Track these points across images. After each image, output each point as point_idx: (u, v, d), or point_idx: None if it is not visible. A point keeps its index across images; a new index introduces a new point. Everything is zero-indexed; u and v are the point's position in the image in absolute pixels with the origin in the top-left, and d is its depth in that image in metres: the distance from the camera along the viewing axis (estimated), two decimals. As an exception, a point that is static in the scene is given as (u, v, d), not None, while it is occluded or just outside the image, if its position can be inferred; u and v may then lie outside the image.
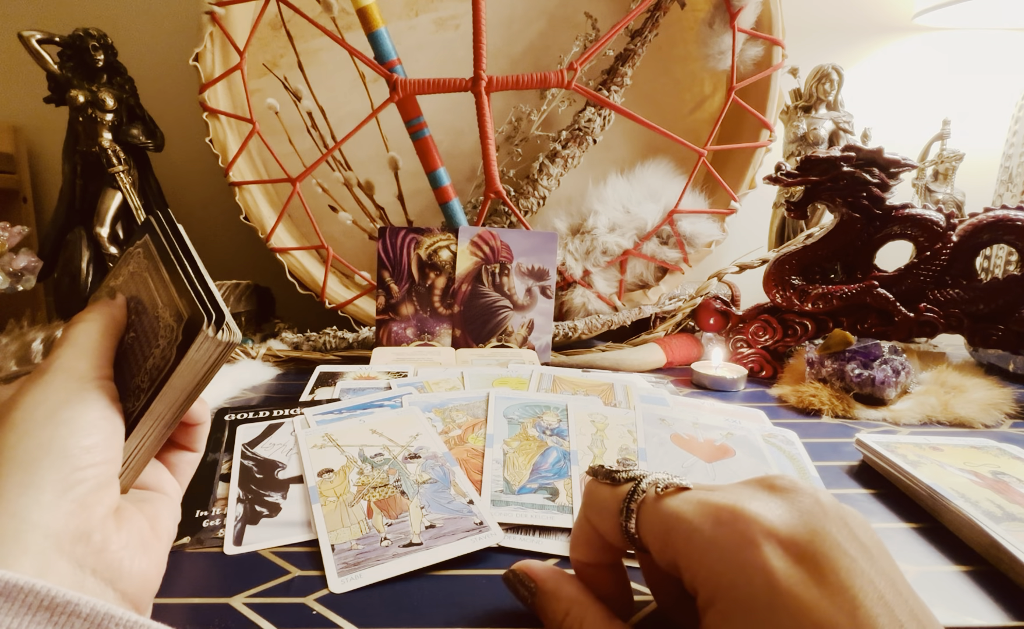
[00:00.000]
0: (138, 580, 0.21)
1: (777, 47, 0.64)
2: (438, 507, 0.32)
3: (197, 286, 0.24)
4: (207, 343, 0.23)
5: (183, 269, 0.25)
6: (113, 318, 0.26)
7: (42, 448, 0.21)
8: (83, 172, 0.67)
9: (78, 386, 0.22)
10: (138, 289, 0.26)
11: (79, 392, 0.22)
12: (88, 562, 0.20)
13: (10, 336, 0.49)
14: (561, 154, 0.69)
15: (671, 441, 0.40)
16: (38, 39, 0.63)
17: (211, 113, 0.64)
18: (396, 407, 0.43)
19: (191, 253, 0.25)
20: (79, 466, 0.21)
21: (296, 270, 0.68)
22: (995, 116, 0.84)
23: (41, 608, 0.17)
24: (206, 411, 0.29)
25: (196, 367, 0.24)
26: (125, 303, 0.26)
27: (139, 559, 0.22)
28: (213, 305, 0.23)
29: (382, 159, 0.65)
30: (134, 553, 0.22)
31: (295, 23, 0.64)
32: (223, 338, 0.23)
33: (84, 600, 0.18)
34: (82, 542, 0.20)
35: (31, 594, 0.17)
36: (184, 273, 0.24)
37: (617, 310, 0.68)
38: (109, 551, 0.21)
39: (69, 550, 0.20)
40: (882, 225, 0.54)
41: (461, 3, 0.71)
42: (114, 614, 0.18)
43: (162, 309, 0.24)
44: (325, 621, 0.25)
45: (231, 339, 0.23)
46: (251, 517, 0.32)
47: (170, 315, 0.24)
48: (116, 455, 0.23)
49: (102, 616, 0.18)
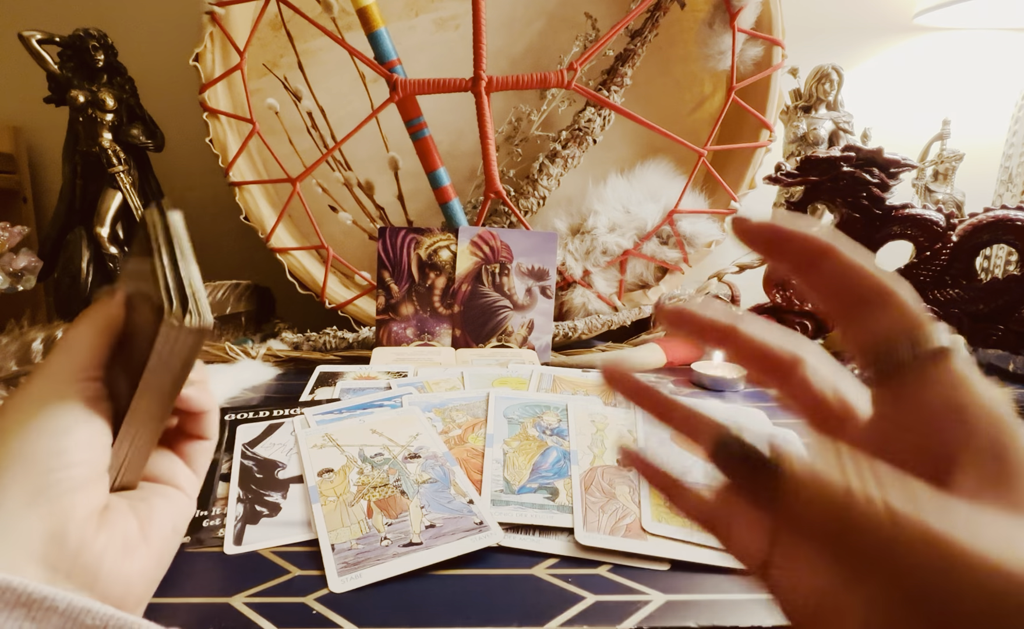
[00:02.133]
0: (118, 585, 0.21)
1: (777, 47, 0.64)
2: (438, 507, 0.32)
3: (168, 273, 0.23)
4: (172, 332, 0.22)
5: (161, 257, 0.23)
6: (108, 316, 0.25)
7: (11, 455, 0.21)
8: (83, 172, 0.67)
9: (58, 389, 0.23)
10: (136, 284, 0.26)
11: (57, 395, 0.22)
12: (63, 565, 0.20)
13: (10, 336, 0.49)
14: (561, 154, 0.69)
15: (671, 441, 0.40)
16: (38, 39, 0.63)
17: (211, 113, 0.64)
18: (396, 407, 0.43)
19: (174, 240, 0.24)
20: (51, 469, 0.21)
21: (296, 270, 0.68)
22: (995, 116, 0.84)
23: (18, 604, 0.17)
24: (210, 397, 0.28)
25: (168, 359, 0.23)
26: (123, 300, 0.26)
27: (121, 562, 0.22)
28: (180, 290, 0.22)
29: (382, 159, 0.65)
30: (116, 556, 0.21)
31: (295, 23, 0.64)
32: (191, 324, 0.22)
33: (60, 595, 0.18)
34: (56, 545, 0.20)
35: (8, 591, 0.17)
36: (160, 261, 0.23)
37: (617, 310, 0.68)
38: (85, 554, 0.20)
39: (41, 554, 0.20)
40: (882, 225, 0.54)
41: (461, 3, 0.71)
42: (91, 608, 0.18)
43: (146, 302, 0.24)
44: (325, 621, 0.25)
45: (200, 325, 0.22)
46: (251, 517, 0.32)
47: (149, 308, 0.23)
48: (97, 456, 0.23)
49: (79, 610, 0.18)
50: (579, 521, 0.32)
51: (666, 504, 0.21)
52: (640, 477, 0.21)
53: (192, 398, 0.27)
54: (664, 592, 0.27)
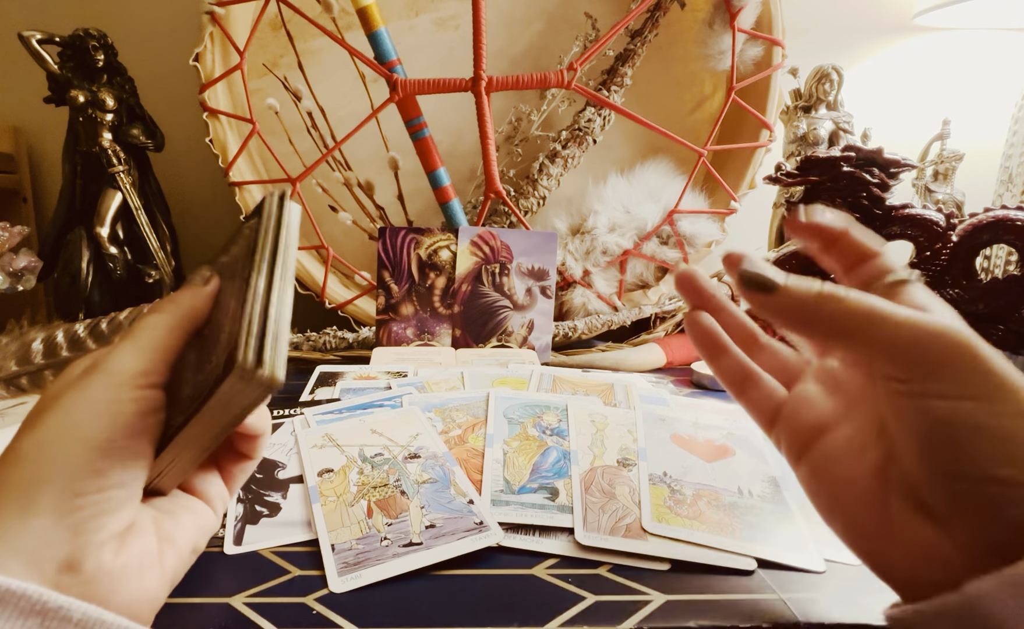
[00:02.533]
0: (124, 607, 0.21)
1: (777, 47, 0.64)
2: (438, 507, 0.32)
3: (255, 308, 0.20)
4: (239, 383, 0.20)
5: (258, 275, 0.21)
6: (193, 310, 0.24)
7: (49, 462, 0.20)
8: (83, 172, 0.67)
9: (114, 395, 0.21)
10: (231, 278, 0.23)
11: (112, 403, 0.21)
12: (72, 591, 0.19)
13: (10, 336, 0.49)
14: (561, 154, 0.69)
15: (671, 441, 0.40)
16: (38, 39, 0.63)
17: (211, 113, 0.64)
18: (396, 407, 0.43)
19: (279, 251, 0.22)
20: (84, 491, 0.20)
21: (296, 270, 0.67)
22: (995, 116, 0.84)
23: (33, 613, 0.17)
24: (267, 422, 0.28)
25: (228, 404, 0.21)
26: (213, 293, 0.24)
27: (131, 582, 0.21)
28: (261, 335, 0.20)
29: (382, 159, 0.65)
30: (129, 578, 0.21)
31: (295, 23, 0.64)
32: (261, 377, 0.19)
33: (76, 605, 0.18)
34: (69, 572, 0.20)
35: (23, 599, 0.17)
36: (256, 281, 0.21)
37: (617, 310, 0.68)
38: (98, 581, 0.20)
39: (53, 579, 0.19)
40: (882, 225, 0.54)
41: (461, 3, 0.71)
42: (105, 619, 0.18)
43: (229, 318, 0.21)
44: (325, 621, 0.25)
45: (271, 383, 0.20)
46: (251, 517, 0.32)
47: (226, 332, 0.21)
48: (135, 478, 0.22)
49: (93, 621, 0.18)
50: (579, 521, 0.32)
51: (706, 355, 0.27)
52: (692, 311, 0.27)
53: (250, 422, 0.26)
54: (664, 592, 0.27)
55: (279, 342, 0.20)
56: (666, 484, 0.35)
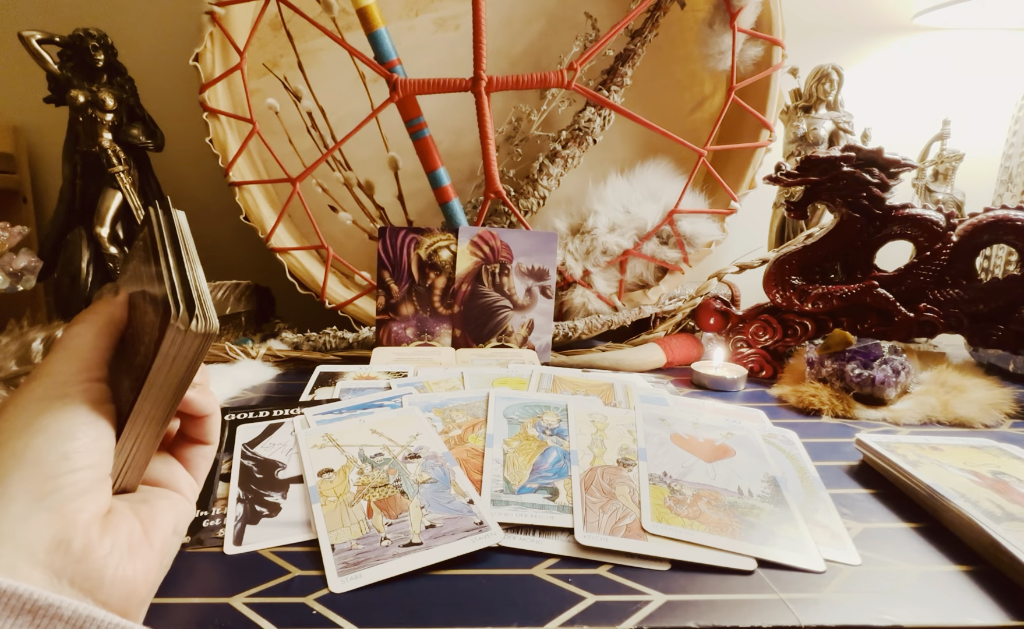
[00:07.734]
0: (121, 588, 0.21)
1: (777, 47, 0.64)
2: (438, 507, 0.32)
3: (173, 275, 0.22)
4: (179, 336, 0.22)
5: (167, 259, 0.23)
6: (111, 316, 0.25)
7: (15, 458, 0.20)
8: (83, 172, 0.67)
9: (60, 391, 0.22)
10: (139, 284, 0.25)
11: (60, 397, 0.22)
12: (67, 571, 0.20)
13: (10, 336, 0.49)
14: (561, 154, 0.69)
15: (671, 441, 0.40)
16: (38, 39, 0.63)
17: (211, 113, 0.64)
18: (396, 407, 0.43)
19: (179, 241, 0.24)
20: (56, 474, 0.21)
21: (296, 270, 0.68)
22: (995, 116, 0.84)
23: (23, 611, 0.17)
24: (213, 401, 0.28)
25: (173, 362, 0.22)
26: (126, 300, 0.26)
27: (124, 566, 0.21)
28: (187, 294, 0.22)
29: (382, 159, 0.65)
30: (119, 560, 0.21)
31: (295, 23, 0.64)
32: (197, 328, 0.22)
33: (66, 602, 0.18)
34: (60, 551, 0.20)
35: (13, 597, 0.17)
36: (167, 263, 0.23)
37: (617, 310, 0.68)
38: (90, 559, 0.20)
39: (45, 560, 0.19)
40: (882, 225, 0.54)
41: (461, 3, 0.71)
42: (95, 616, 0.18)
43: (150, 303, 0.23)
44: (325, 621, 0.25)
45: (207, 329, 0.22)
46: (251, 517, 0.32)
47: (153, 309, 0.23)
48: (101, 459, 0.22)
49: (83, 618, 0.18)
50: (579, 521, 0.32)
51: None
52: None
53: (194, 401, 0.27)
54: (664, 592, 0.27)
55: (203, 295, 0.22)
56: (666, 484, 0.35)
